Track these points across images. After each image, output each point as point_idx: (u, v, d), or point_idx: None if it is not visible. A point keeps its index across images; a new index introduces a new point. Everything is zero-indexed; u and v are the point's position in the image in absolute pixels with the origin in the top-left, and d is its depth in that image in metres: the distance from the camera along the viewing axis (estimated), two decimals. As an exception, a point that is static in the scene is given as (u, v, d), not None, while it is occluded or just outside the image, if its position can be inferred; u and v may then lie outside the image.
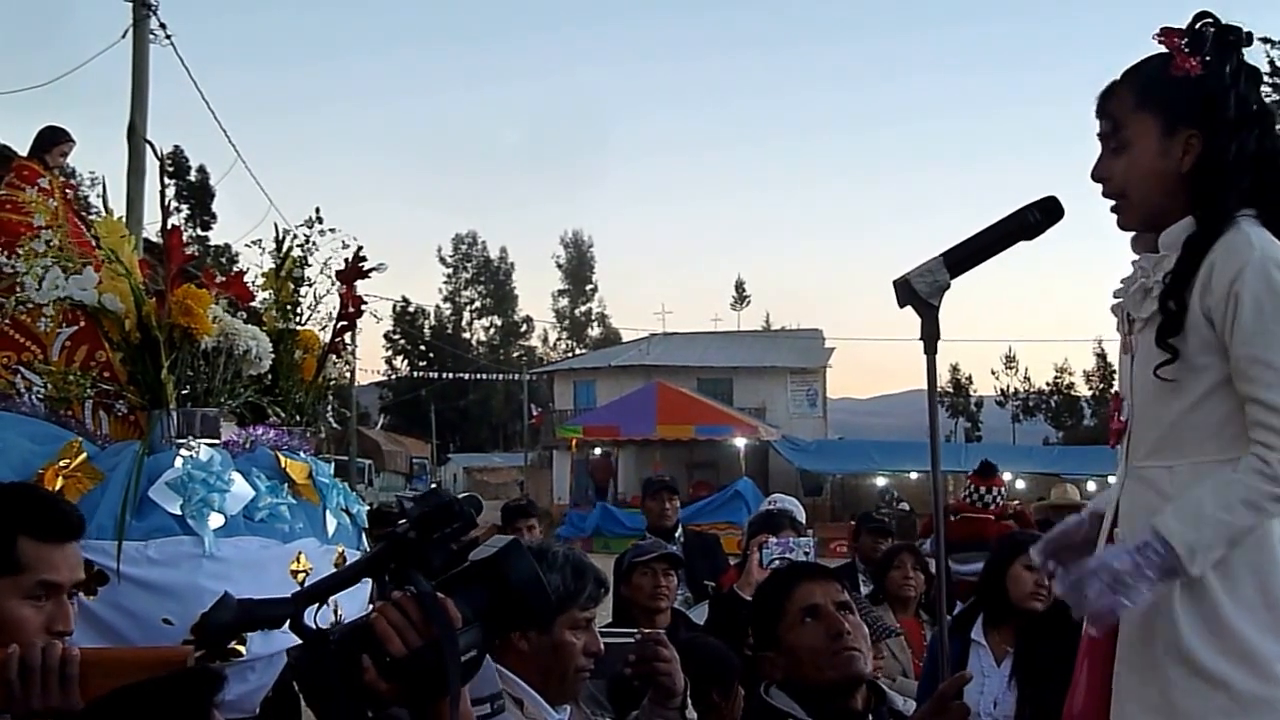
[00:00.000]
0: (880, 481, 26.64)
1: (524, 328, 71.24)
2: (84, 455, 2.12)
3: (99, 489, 2.08)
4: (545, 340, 71.66)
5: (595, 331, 69.71)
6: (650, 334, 40.10)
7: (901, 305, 1.94)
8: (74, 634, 1.79)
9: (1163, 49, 1.88)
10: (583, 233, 74.04)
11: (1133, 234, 2.00)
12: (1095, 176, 1.96)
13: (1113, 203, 1.96)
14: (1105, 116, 1.94)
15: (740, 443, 25.87)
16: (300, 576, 2.31)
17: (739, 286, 68.01)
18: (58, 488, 2.03)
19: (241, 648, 2.12)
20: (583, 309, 71.28)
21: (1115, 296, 2.02)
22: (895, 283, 1.94)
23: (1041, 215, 1.91)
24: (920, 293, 1.91)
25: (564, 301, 70.89)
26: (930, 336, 1.94)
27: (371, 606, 1.33)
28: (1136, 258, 1.98)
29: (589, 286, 71.52)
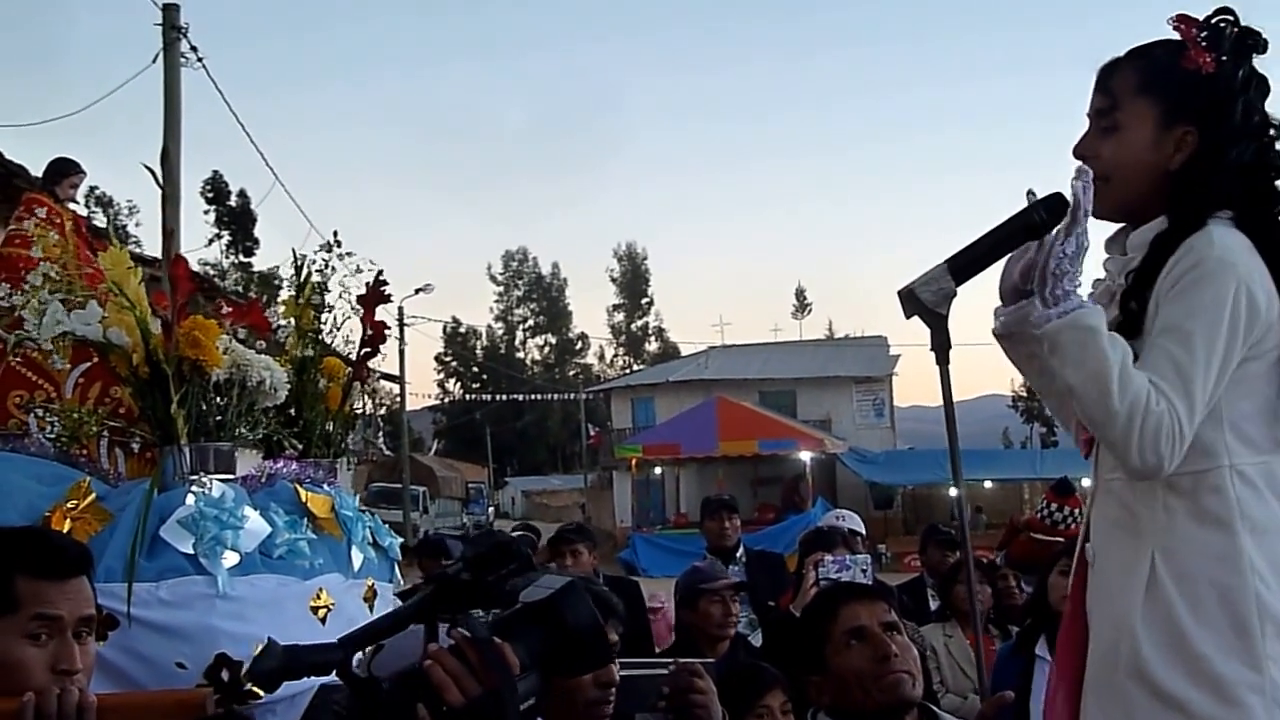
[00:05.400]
0: (954, 492, 26.05)
1: (579, 345, 71.29)
2: (93, 495, 2.06)
3: (108, 530, 2.02)
4: (601, 357, 71.61)
5: (652, 346, 69.55)
6: (709, 347, 39.91)
7: (908, 316, 1.85)
8: (89, 678, 1.74)
9: (1176, 35, 1.77)
10: (636, 245, 74.01)
11: (1108, 238, 1.89)
12: (1078, 153, 1.83)
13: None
14: (1104, 92, 1.82)
15: (805, 457, 25.53)
16: (322, 613, 2.23)
17: (799, 294, 67.57)
18: (65, 530, 1.97)
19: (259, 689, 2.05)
20: (639, 323, 71.13)
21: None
22: (899, 293, 1.85)
23: (1047, 214, 1.78)
24: (926, 302, 1.82)
25: (619, 316, 70.77)
26: (941, 347, 1.87)
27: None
28: (1107, 258, 1.88)
29: (645, 300, 71.36)
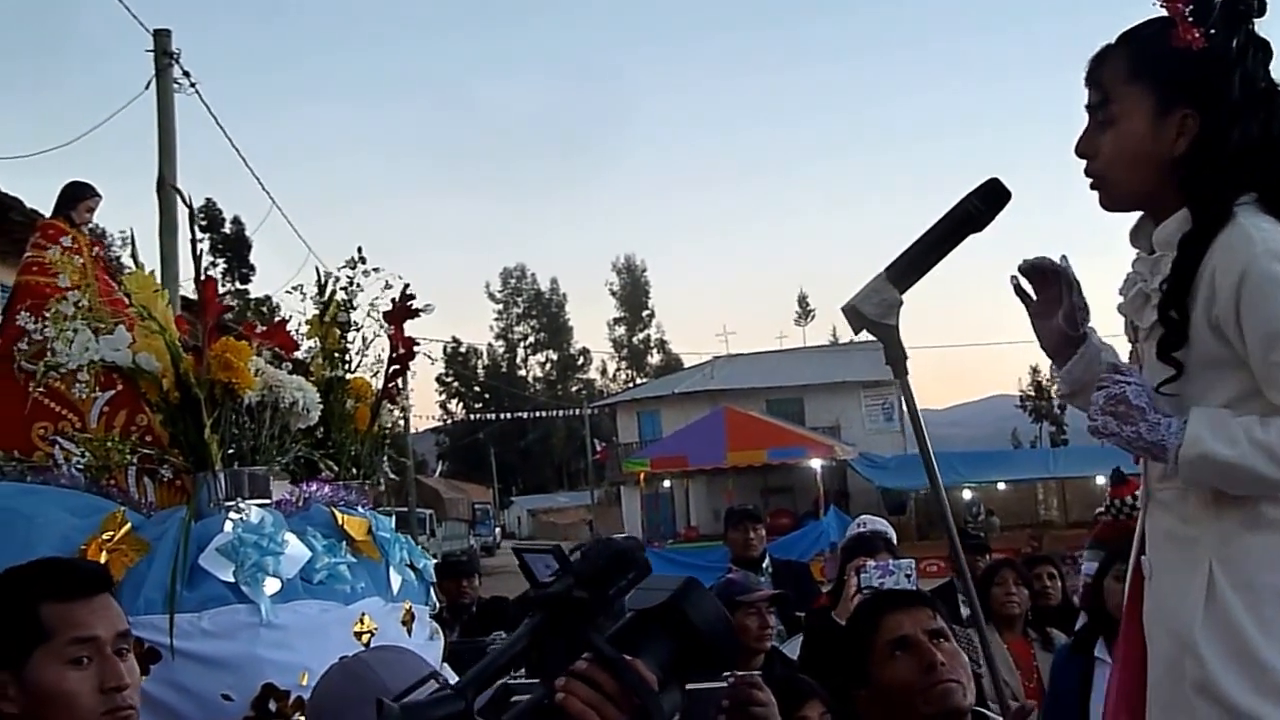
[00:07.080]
0: (966, 495, 25.92)
1: (581, 360, 70.81)
2: (128, 526, 2.00)
3: (145, 561, 1.96)
4: (604, 372, 71.18)
5: (655, 359, 69.16)
6: (713, 357, 39.77)
7: (856, 332, 1.80)
8: (137, 694, 1.68)
9: (1164, 13, 1.66)
10: (635, 257, 73.66)
11: (1131, 228, 1.80)
12: (1079, 153, 1.75)
13: (1092, 181, 1.75)
14: (1094, 85, 1.73)
15: (816, 464, 25.39)
16: (365, 638, 2.17)
17: (802, 300, 67.27)
18: (102, 562, 1.91)
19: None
20: (641, 336, 70.73)
21: (1120, 295, 1.82)
22: (844, 310, 1.79)
23: (983, 204, 1.72)
24: (870, 316, 1.75)
25: (621, 330, 70.32)
26: (896, 359, 1.78)
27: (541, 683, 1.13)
28: (1136, 255, 1.78)
29: (646, 312, 70.99)
